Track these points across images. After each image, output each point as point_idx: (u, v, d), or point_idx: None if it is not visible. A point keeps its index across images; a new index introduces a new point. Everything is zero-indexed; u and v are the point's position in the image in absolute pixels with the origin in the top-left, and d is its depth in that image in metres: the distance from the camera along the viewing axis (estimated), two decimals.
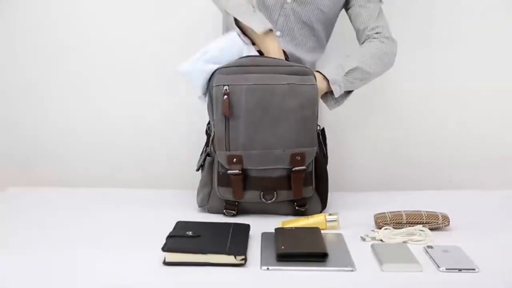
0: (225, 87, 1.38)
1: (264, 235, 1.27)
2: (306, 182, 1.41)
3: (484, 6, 1.98)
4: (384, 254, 1.15)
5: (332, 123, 1.67)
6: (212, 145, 1.44)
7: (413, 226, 1.31)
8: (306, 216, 1.40)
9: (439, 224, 1.33)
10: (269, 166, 1.39)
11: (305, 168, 1.40)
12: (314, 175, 1.44)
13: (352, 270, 1.10)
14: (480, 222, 1.40)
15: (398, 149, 2.06)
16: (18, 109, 2.06)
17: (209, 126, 1.50)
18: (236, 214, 1.45)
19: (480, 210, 1.51)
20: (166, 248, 1.13)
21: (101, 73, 2.02)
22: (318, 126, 1.45)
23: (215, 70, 1.42)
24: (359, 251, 1.18)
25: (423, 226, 1.31)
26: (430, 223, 1.32)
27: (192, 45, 1.74)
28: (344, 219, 1.39)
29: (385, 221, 1.33)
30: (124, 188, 1.74)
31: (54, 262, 1.14)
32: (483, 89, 2.03)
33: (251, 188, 1.41)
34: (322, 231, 1.25)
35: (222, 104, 1.38)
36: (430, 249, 1.18)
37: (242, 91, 1.37)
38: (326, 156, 1.52)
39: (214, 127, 1.41)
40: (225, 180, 1.41)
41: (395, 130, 2.06)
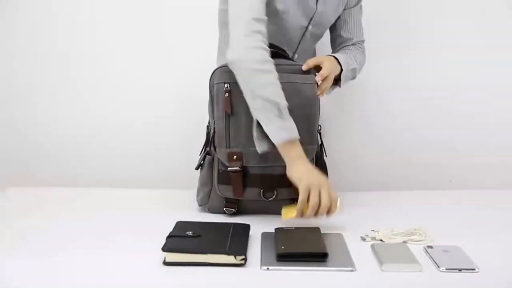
0: (226, 85, 1.38)
1: (264, 235, 1.27)
2: None
3: (479, 5, 1.98)
4: (384, 254, 1.15)
5: (332, 123, 1.67)
6: (212, 143, 1.45)
7: None
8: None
9: None
10: (269, 164, 1.39)
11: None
12: None
13: (352, 270, 1.10)
14: (480, 222, 1.40)
15: (398, 149, 2.06)
16: (18, 109, 2.06)
17: (208, 125, 1.50)
18: (236, 213, 1.44)
19: (480, 210, 1.51)
20: (166, 248, 1.13)
21: (101, 73, 2.02)
22: (319, 126, 1.46)
23: (216, 69, 1.42)
24: (359, 251, 1.18)
25: None
26: None
27: (192, 45, 1.75)
28: (344, 219, 1.39)
29: None
30: (124, 188, 1.74)
31: (54, 262, 1.14)
32: (483, 89, 2.03)
33: (251, 185, 1.41)
34: (321, 232, 1.25)
35: (223, 101, 1.38)
36: (430, 249, 1.18)
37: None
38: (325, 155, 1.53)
39: (215, 125, 1.42)
40: (225, 178, 1.41)
41: (395, 130, 2.06)
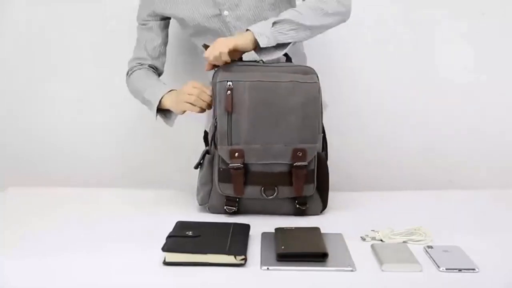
0: (228, 83, 1.39)
1: (264, 235, 1.27)
2: (308, 179, 1.41)
3: (481, 3, 1.98)
4: (384, 254, 1.15)
5: (332, 123, 1.67)
6: (213, 141, 1.45)
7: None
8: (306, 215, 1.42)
9: None
10: (270, 161, 1.39)
11: (306, 164, 1.39)
12: (316, 174, 1.44)
13: (352, 270, 1.10)
14: (480, 222, 1.40)
15: (398, 149, 2.06)
16: (19, 110, 2.06)
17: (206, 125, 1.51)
18: (236, 212, 1.44)
19: (480, 210, 1.50)
20: (166, 248, 1.13)
21: (101, 73, 2.02)
22: (322, 125, 1.46)
23: (218, 68, 1.43)
24: (359, 251, 1.18)
25: None
26: None
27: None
28: (344, 219, 1.39)
29: None
30: (124, 188, 1.74)
31: (54, 262, 1.14)
32: (483, 89, 2.03)
33: (252, 183, 1.41)
34: (321, 232, 1.25)
35: (225, 99, 1.38)
36: (430, 249, 1.18)
37: (245, 87, 1.38)
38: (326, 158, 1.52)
39: (217, 122, 1.42)
40: (226, 176, 1.41)
41: (395, 130, 2.06)
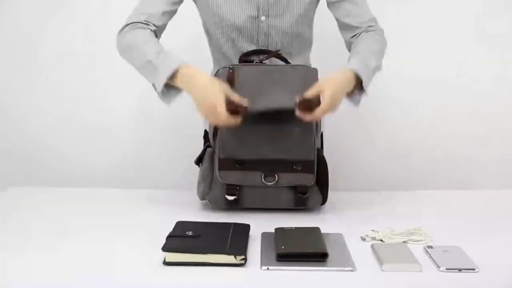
0: (230, 69, 1.42)
1: (264, 235, 1.27)
2: (308, 169, 1.41)
3: (481, 4, 1.99)
4: (384, 254, 1.15)
5: (332, 123, 1.67)
6: (214, 136, 1.45)
7: None
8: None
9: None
10: (273, 105, 1.38)
11: (311, 101, 1.36)
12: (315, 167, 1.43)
13: (352, 270, 1.10)
14: (480, 222, 1.40)
15: (398, 149, 2.07)
16: (19, 110, 2.06)
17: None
18: (237, 201, 1.43)
19: (480, 210, 1.51)
20: (166, 248, 1.13)
21: (101, 73, 2.03)
22: (320, 125, 1.46)
23: (220, 69, 1.45)
24: (359, 251, 1.18)
25: None
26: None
27: (192, 45, 1.75)
28: (344, 219, 1.39)
29: None
30: (124, 188, 1.74)
31: (53, 262, 1.14)
32: (483, 89, 2.03)
33: (253, 169, 1.41)
34: (321, 232, 1.25)
35: (226, 76, 1.41)
36: (430, 249, 1.18)
37: (246, 69, 1.43)
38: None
39: None
40: (226, 164, 1.41)
41: (395, 130, 2.06)
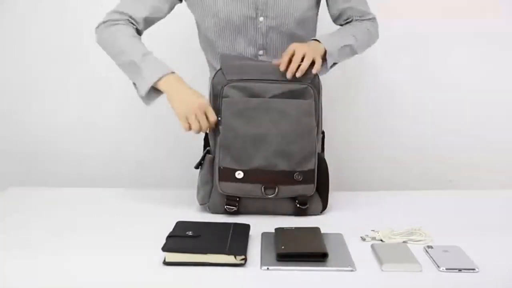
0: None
1: (264, 235, 1.27)
2: (308, 180, 1.41)
3: (482, 5, 1.98)
4: (384, 254, 1.15)
5: (332, 123, 1.67)
6: (213, 144, 1.45)
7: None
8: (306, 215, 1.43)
9: None
10: (270, 77, 1.41)
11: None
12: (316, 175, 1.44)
13: (352, 270, 1.10)
14: (480, 222, 1.40)
15: (398, 149, 2.07)
16: (19, 109, 2.06)
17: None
18: (237, 211, 1.44)
19: (480, 210, 1.50)
20: (166, 248, 1.13)
21: (101, 73, 2.02)
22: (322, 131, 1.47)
23: (218, 70, 1.45)
24: (359, 251, 1.18)
25: None
26: None
27: (192, 44, 1.75)
28: (344, 219, 1.38)
29: None
30: (124, 188, 1.74)
31: (54, 262, 1.14)
32: (483, 89, 2.03)
33: (253, 181, 1.41)
34: (321, 232, 1.25)
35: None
36: (430, 249, 1.18)
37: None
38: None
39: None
40: (226, 175, 1.41)
41: (395, 130, 2.06)
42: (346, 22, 1.65)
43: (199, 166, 1.49)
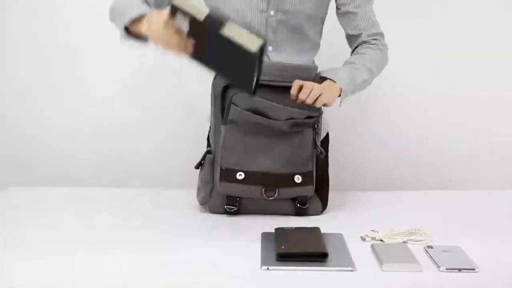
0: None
1: (264, 235, 1.27)
2: (307, 181, 1.42)
3: (484, 8, 1.99)
4: (384, 254, 1.15)
5: (333, 123, 1.67)
6: (215, 143, 1.45)
7: None
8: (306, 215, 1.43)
9: None
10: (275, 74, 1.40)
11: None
12: (315, 176, 1.44)
13: (352, 270, 1.10)
14: (480, 222, 1.40)
15: (398, 149, 2.07)
16: (18, 109, 2.06)
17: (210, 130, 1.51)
18: (237, 211, 1.44)
19: (480, 210, 1.51)
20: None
21: (101, 73, 2.03)
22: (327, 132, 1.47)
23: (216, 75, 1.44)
24: (359, 251, 1.18)
25: None
26: None
27: None
28: (344, 219, 1.39)
29: None
30: (124, 188, 1.74)
31: (54, 262, 1.14)
32: (483, 89, 2.03)
33: (253, 183, 1.41)
34: (321, 232, 1.25)
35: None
36: (430, 249, 1.18)
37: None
38: (327, 159, 1.53)
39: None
40: (226, 175, 1.41)
41: (395, 130, 2.06)
42: (357, 45, 1.60)
43: (199, 166, 1.49)
